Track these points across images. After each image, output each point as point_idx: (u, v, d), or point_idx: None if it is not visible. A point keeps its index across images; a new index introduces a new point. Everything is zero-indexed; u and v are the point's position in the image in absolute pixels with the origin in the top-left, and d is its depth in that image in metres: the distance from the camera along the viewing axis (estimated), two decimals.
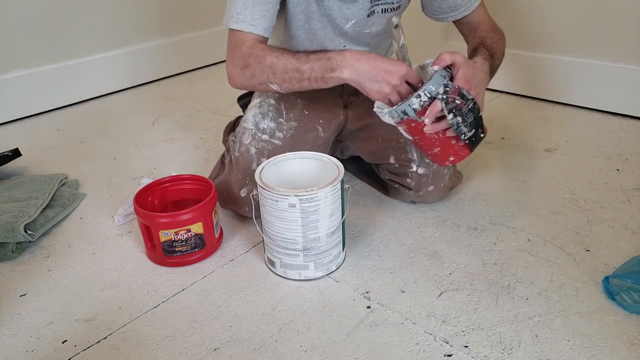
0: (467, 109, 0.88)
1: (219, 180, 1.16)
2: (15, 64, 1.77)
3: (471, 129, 0.91)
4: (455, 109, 0.87)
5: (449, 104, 0.87)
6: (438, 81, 0.87)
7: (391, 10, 1.09)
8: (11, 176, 1.38)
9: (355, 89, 1.23)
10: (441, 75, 0.88)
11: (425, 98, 0.87)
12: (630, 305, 0.87)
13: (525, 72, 1.79)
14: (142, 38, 2.09)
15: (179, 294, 0.96)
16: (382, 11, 1.08)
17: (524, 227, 1.11)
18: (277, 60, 0.97)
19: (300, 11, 1.05)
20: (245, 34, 0.99)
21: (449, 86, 0.87)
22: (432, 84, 0.86)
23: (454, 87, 0.87)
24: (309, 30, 1.07)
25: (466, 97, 0.88)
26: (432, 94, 0.87)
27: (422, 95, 0.87)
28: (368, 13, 1.06)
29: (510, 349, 0.81)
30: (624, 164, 1.35)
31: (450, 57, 0.89)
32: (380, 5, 1.07)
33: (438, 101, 0.87)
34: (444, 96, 0.86)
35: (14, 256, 1.08)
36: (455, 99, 0.87)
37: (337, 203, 0.94)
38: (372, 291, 0.95)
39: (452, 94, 0.87)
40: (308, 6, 1.04)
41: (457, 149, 0.95)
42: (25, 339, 0.87)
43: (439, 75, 0.87)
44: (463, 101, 0.87)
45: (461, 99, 0.87)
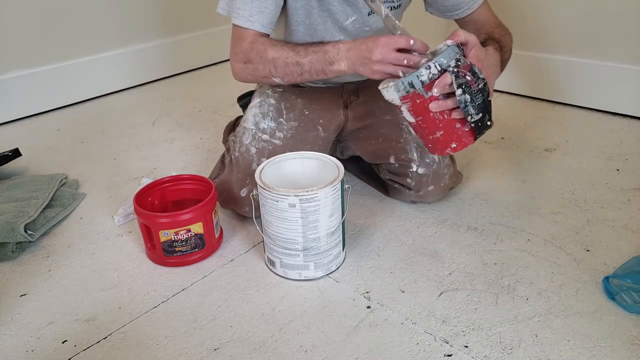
0: (477, 88, 0.84)
1: (219, 180, 1.16)
2: (15, 64, 1.77)
3: (479, 112, 0.86)
4: (465, 84, 0.83)
5: (460, 79, 0.83)
6: (450, 55, 0.83)
7: (391, 9, 1.08)
8: (11, 176, 1.38)
9: (355, 89, 1.24)
10: (454, 50, 0.84)
11: (435, 70, 0.83)
12: (630, 305, 0.87)
13: (525, 72, 1.79)
14: (142, 38, 2.09)
15: (179, 294, 0.96)
16: None
17: (524, 227, 1.11)
18: (278, 55, 0.98)
19: (301, 6, 1.05)
20: (245, 29, 1.01)
21: (461, 61, 0.83)
22: (444, 57, 0.83)
23: (466, 63, 0.83)
24: (309, 25, 1.07)
25: (477, 75, 0.84)
26: (442, 67, 0.83)
27: (432, 67, 0.83)
28: (368, 12, 1.06)
29: (510, 349, 0.81)
30: (624, 164, 1.35)
31: (465, 35, 0.87)
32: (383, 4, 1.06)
33: (448, 74, 0.83)
34: (455, 69, 0.82)
35: (14, 256, 1.08)
36: (466, 74, 0.83)
37: (337, 203, 0.94)
38: (372, 291, 0.95)
39: (463, 68, 0.83)
40: (308, 1, 1.04)
41: (461, 134, 0.90)
42: (25, 339, 0.87)
43: (451, 50, 0.84)
44: (474, 78, 0.83)
45: (472, 75, 0.83)
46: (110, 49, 2.01)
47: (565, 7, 1.65)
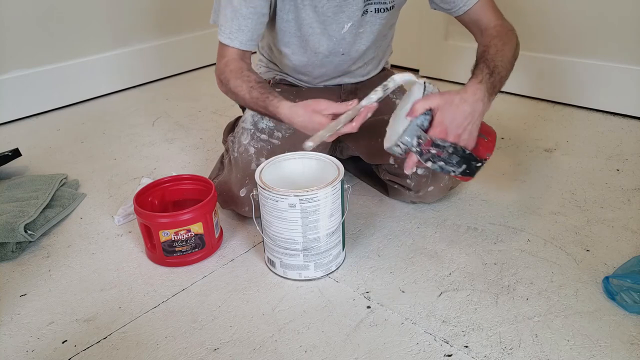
0: (447, 154, 0.89)
1: (219, 180, 1.16)
2: (15, 64, 1.78)
3: (460, 166, 0.91)
4: (432, 157, 0.88)
5: (424, 155, 0.88)
6: (412, 132, 0.88)
7: (384, 10, 1.08)
8: (11, 176, 1.38)
9: (353, 89, 1.24)
10: (417, 124, 0.88)
11: (404, 147, 0.89)
12: (630, 305, 0.87)
13: (526, 72, 1.79)
14: (142, 38, 2.10)
15: (179, 294, 0.96)
16: (375, 10, 1.08)
17: (524, 227, 1.11)
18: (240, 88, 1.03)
19: (292, 18, 1.05)
20: (226, 46, 1.05)
21: (422, 138, 0.88)
22: (408, 135, 0.88)
23: (426, 139, 0.87)
24: (301, 37, 1.08)
25: (441, 146, 0.88)
26: (408, 145, 0.88)
27: (401, 145, 0.89)
28: (362, 12, 1.06)
29: (510, 349, 0.81)
30: (624, 164, 1.35)
31: (422, 105, 0.87)
32: (373, 5, 1.07)
33: (413, 154, 0.89)
34: (418, 149, 0.88)
35: (14, 256, 1.08)
36: (429, 149, 0.88)
37: (337, 203, 0.94)
38: (372, 291, 0.95)
39: (425, 145, 0.88)
40: (298, 14, 1.04)
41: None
42: (25, 339, 0.87)
43: (414, 125, 0.88)
44: (439, 150, 0.88)
45: (436, 148, 0.88)
46: (111, 49, 2.01)
47: (565, 7, 1.65)
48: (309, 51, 1.11)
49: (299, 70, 1.19)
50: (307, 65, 1.16)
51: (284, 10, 1.04)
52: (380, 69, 1.30)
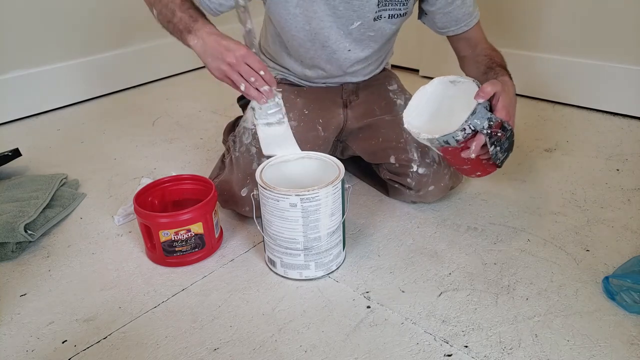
0: (506, 138, 0.90)
1: (220, 180, 1.16)
2: (15, 64, 1.78)
3: (505, 153, 0.93)
4: (497, 141, 0.89)
5: (492, 137, 0.88)
6: (482, 115, 0.87)
7: (398, 16, 1.09)
8: (11, 176, 1.38)
9: (354, 89, 1.24)
10: (485, 108, 0.88)
11: (469, 131, 0.88)
12: (630, 305, 0.87)
13: (526, 72, 1.79)
14: (143, 38, 2.09)
15: (179, 294, 0.96)
16: (389, 17, 1.08)
17: (524, 227, 1.11)
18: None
19: (300, 13, 1.05)
20: None
21: (493, 120, 0.88)
22: (477, 118, 0.87)
23: (497, 121, 0.88)
24: (310, 31, 1.07)
25: (507, 129, 0.89)
26: (476, 128, 0.87)
27: (467, 128, 0.87)
28: (375, 17, 1.06)
29: (510, 349, 0.81)
30: (624, 164, 1.35)
31: (493, 88, 0.89)
32: (387, 11, 1.07)
33: (483, 135, 0.88)
34: (489, 130, 0.87)
35: (14, 256, 1.08)
36: (497, 132, 0.88)
37: (337, 202, 0.94)
38: (372, 291, 0.95)
39: (495, 127, 0.88)
40: (308, 7, 1.04)
41: (486, 166, 0.96)
42: (25, 339, 0.87)
43: (482, 108, 0.88)
44: (504, 133, 0.89)
45: (502, 131, 0.89)
46: (111, 49, 2.01)
47: (566, 7, 1.65)
48: (317, 44, 1.10)
49: (304, 64, 1.18)
50: (312, 58, 1.15)
51: (290, 4, 1.04)
52: (382, 69, 1.30)
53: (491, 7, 1.77)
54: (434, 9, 1.10)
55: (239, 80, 0.93)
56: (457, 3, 1.08)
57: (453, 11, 1.09)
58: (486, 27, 1.17)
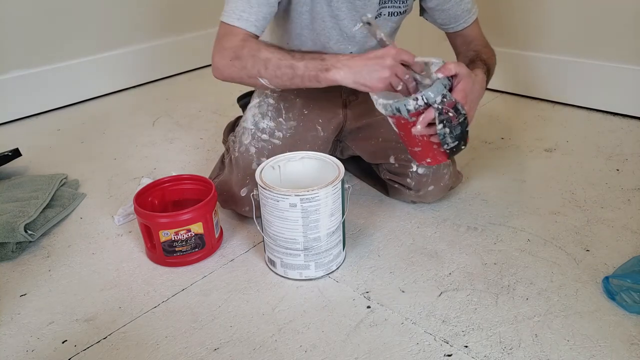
0: (457, 122, 0.89)
1: (219, 180, 1.16)
2: (15, 64, 1.77)
3: (455, 141, 0.91)
4: (446, 120, 0.88)
5: (442, 115, 0.87)
6: (438, 89, 0.87)
7: (398, 14, 1.09)
8: (11, 176, 1.38)
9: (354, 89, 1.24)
10: (442, 83, 0.88)
11: (421, 102, 0.87)
12: (630, 305, 0.87)
13: (525, 72, 1.79)
14: (142, 38, 2.09)
15: (179, 294, 0.96)
16: (389, 14, 1.08)
17: (524, 227, 1.11)
18: (272, 55, 0.94)
19: (306, 11, 1.05)
20: (234, 27, 0.97)
21: (447, 97, 0.87)
22: (432, 91, 0.86)
23: (450, 100, 0.87)
24: (313, 30, 1.07)
25: (459, 112, 0.88)
26: (429, 101, 0.87)
27: (420, 99, 0.87)
28: (376, 15, 1.06)
29: (510, 349, 0.81)
30: (624, 164, 1.35)
31: (455, 68, 0.89)
32: (387, 8, 1.07)
33: (432, 109, 0.87)
34: (440, 106, 0.87)
35: (14, 256, 1.08)
36: (449, 111, 0.87)
37: (337, 203, 0.94)
38: (372, 291, 0.95)
39: (447, 105, 0.87)
40: (314, 6, 1.04)
41: (436, 154, 0.95)
42: (25, 339, 0.87)
43: (440, 84, 0.87)
44: (455, 114, 0.88)
45: (454, 112, 0.88)
46: (111, 49, 2.01)
47: (566, 7, 1.65)
48: (319, 45, 1.10)
49: None
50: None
51: (299, 3, 1.04)
52: None
53: (491, 7, 1.77)
54: (431, 6, 1.11)
55: (396, 82, 0.91)
56: (455, 0, 1.08)
57: (451, 8, 1.10)
58: (486, 27, 1.17)
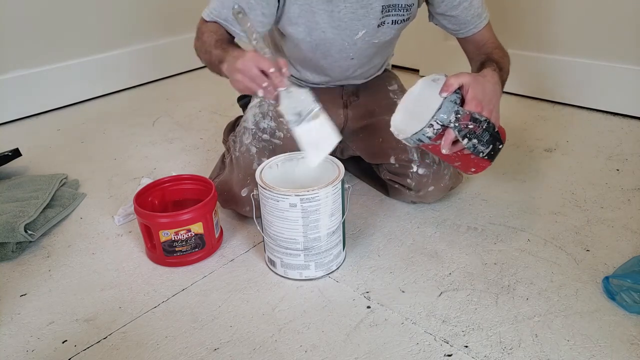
0: (482, 129, 0.88)
1: (220, 180, 1.16)
2: (15, 64, 1.78)
3: (488, 146, 0.90)
4: (469, 133, 0.87)
5: (462, 131, 0.86)
6: (449, 108, 0.86)
7: (401, 21, 1.08)
8: (11, 176, 1.38)
9: (355, 90, 1.24)
10: (451, 100, 0.87)
11: (438, 126, 0.86)
12: (630, 305, 0.87)
13: (526, 72, 1.79)
14: (142, 38, 2.09)
15: (179, 294, 0.96)
16: (392, 22, 1.08)
17: (524, 227, 1.11)
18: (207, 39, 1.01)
19: (303, 22, 1.04)
20: None
21: (460, 112, 0.86)
22: (444, 112, 0.86)
23: (465, 113, 0.86)
24: (311, 42, 1.07)
25: (479, 120, 0.87)
26: (444, 123, 0.86)
27: (435, 124, 0.86)
28: (379, 23, 1.06)
29: (510, 349, 0.81)
30: (624, 164, 1.35)
31: (456, 80, 0.88)
32: (391, 17, 1.06)
33: (451, 130, 0.86)
34: (457, 124, 0.86)
35: (14, 256, 1.08)
36: (467, 124, 0.86)
37: (337, 203, 0.94)
38: (372, 291, 0.95)
39: (464, 120, 0.86)
40: (312, 17, 1.03)
41: (477, 162, 0.94)
42: (25, 339, 0.87)
43: (448, 102, 0.86)
44: (476, 124, 0.87)
45: (474, 122, 0.87)
46: (110, 49, 2.01)
47: (566, 7, 1.65)
48: (318, 54, 1.10)
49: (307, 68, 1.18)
50: (315, 68, 1.16)
51: (293, 15, 1.04)
52: (383, 70, 1.30)
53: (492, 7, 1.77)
54: (440, 12, 1.09)
55: (253, 87, 0.88)
56: (465, 5, 1.06)
57: (460, 14, 1.07)
58: None
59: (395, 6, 1.05)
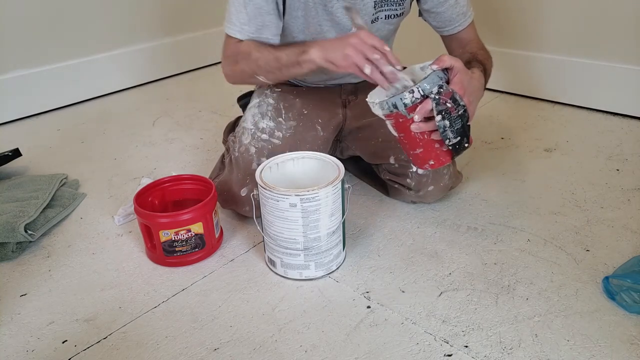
0: (457, 114, 0.87)
1: (219, 180, 1.16)
2: (15, 64, 1.78)
3: (457, 136, 0.89)
4: (445, 111, 0.86)
5: (440, 105, 0.86)
6: (434, 80, 0.86)
7: (395, 16, 1.09)
8: (11, 176, 1.38)
9: (353, 89, 1.24)
10: (438, 75, 0.87)
11: (418, 95, 0.86)
12: (630, 305, 0.87)
13: (525, 72, 1.79)
14: (142, 38, 2.09)
15: (179, 294, 0.96)
16: (386, 17, 1.08)
17: (524, 227, 1.11)
18: (260, 54, 1.01)
19: (301, 15, 1.05)
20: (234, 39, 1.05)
21: (443, 87, 0.86)
22: (427, 82, 0.86)
23: (447, 90, 0.86)
24: (308, 35, 1.08)
25: (458, 102, 0.87)
26: (425, 92, 0.86)
27: (416, 91, 0.86)
28: (372, 19, 1.06)
29: (510, 349, 0.81)
30: (624, 164, 1.35)
31: (450, 60, 0.88)
32: (384, 12, 1.07)
33: (430, 100, 0.86)
34: (437, 96, 0.86)
35: (14, 256, 1.08)
36: (447, 101, 0.86)
37: (337, 203, 0.94)
38: (372, 291, 0.95)
39: (445, 96, 0.86)
40: (308, 11, 1.04)
41: (439, 154, 0.93)
42: (25, 339, 0.87)
43: (435, 75, 0.87)
44: (454, 105, 0.87)
45: (453, 102, 0.86)
46: (111, 49, 2.01)
47: (566, 7, 1.65)
48: None
49: None
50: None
51: (293, 8, 1.04)
52: None
53: (491, 6, 1.77)
54: (426, 8, 1.11)
55: (362, 62, 0.89)
56: (450, 2, 1.08)
57: (446, 11, 1.09)
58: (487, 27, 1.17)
59: (387, 1, 1.05)
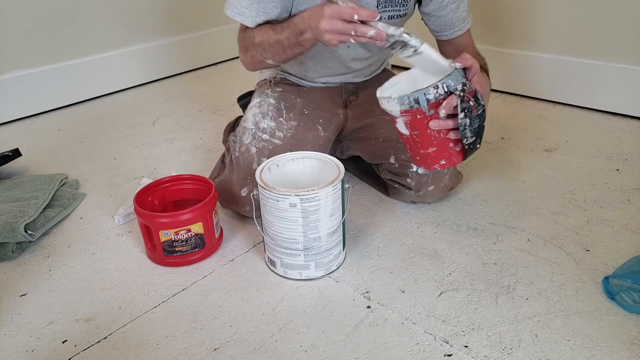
0: (477, 113, 0.87)
1: (220, 180, 1.16)
2: (15, 64, 1.77)
3: (473, 135, 0.89)
4: (468, 109, 0.86)
5: (464, 103, 0.85)
6: (458, 78, 0.86)
7: (398, 17, 1.09)
8: (11, 176, 1.38)
9: (354, 89, 1.24)
10: (460, 74, 0.87)
11: (442, 91, 0.85)
12: (630, 305, 0.87)
13: (526, 72, 1.79)
14: (143, 38, 2.09)
15: (179, 294, 0.96)
16: (389, 17, 1.08)
17: (524, 227, 1.11)
18: (262, 38, 1.02)
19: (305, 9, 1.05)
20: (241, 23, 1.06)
21: (467, 85, 0.85)
22: (452, 79, 0.85)
23: (471, 88, 0.86)
24: None
25: (479, 102, 0.87)
26: (450, 89, 0.85)
27: (440, 87, 0.85)
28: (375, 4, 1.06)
29: (510, 349, 0.81)
30: (624, 164, 1.35)
31: (471, 59, 0.88)
32: (387, 12, 1.07)
33: (455, 96, 0.85)
34: (462, 93, 0.85)
35: (14, 256, 1.08)
36: (470, 99, 0.85)
37: (337, 203, 0.94)
38: (372, 291, 0.95)
39: (469, 94, 0.85)
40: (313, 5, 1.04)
41: (452, 153, 0.93)
42: (25, 339, 0.87)
43: (458, 73, 0.86)
44: (476, 104, 0.86)
45: (475, 101, 0.86)
46: (111, 49, 2.01)
47: (566, 7, 1.65)
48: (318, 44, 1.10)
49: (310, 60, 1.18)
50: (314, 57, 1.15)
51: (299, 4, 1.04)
52: (382, 70, 1.30)
53: (491, 6, 1.77)
54: (427, 11, 1.10)
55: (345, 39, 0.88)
56: (452, 7, 1.08)
57: (447, 15, 1.09)
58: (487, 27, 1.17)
59: (391, 1, 1.05)
